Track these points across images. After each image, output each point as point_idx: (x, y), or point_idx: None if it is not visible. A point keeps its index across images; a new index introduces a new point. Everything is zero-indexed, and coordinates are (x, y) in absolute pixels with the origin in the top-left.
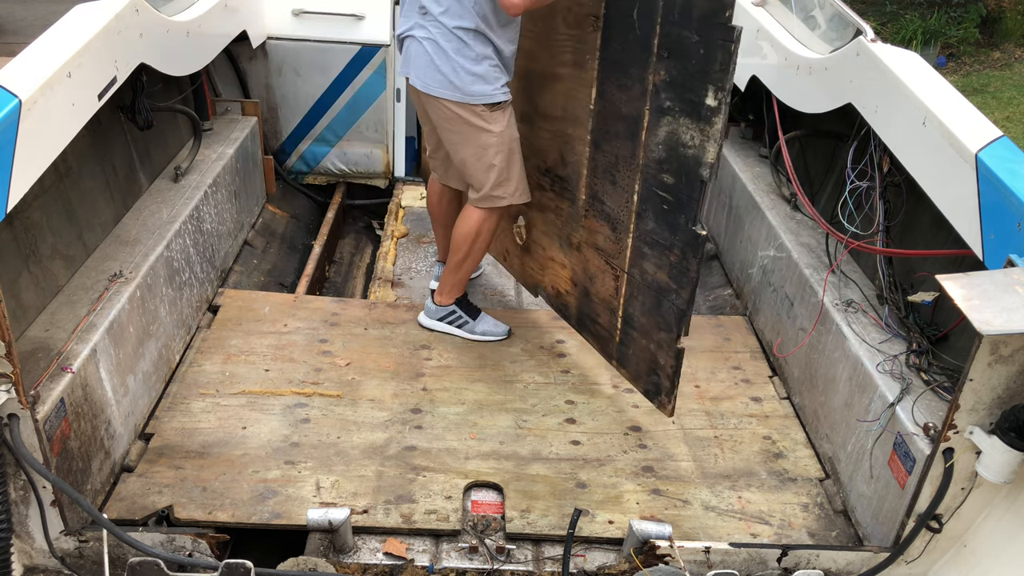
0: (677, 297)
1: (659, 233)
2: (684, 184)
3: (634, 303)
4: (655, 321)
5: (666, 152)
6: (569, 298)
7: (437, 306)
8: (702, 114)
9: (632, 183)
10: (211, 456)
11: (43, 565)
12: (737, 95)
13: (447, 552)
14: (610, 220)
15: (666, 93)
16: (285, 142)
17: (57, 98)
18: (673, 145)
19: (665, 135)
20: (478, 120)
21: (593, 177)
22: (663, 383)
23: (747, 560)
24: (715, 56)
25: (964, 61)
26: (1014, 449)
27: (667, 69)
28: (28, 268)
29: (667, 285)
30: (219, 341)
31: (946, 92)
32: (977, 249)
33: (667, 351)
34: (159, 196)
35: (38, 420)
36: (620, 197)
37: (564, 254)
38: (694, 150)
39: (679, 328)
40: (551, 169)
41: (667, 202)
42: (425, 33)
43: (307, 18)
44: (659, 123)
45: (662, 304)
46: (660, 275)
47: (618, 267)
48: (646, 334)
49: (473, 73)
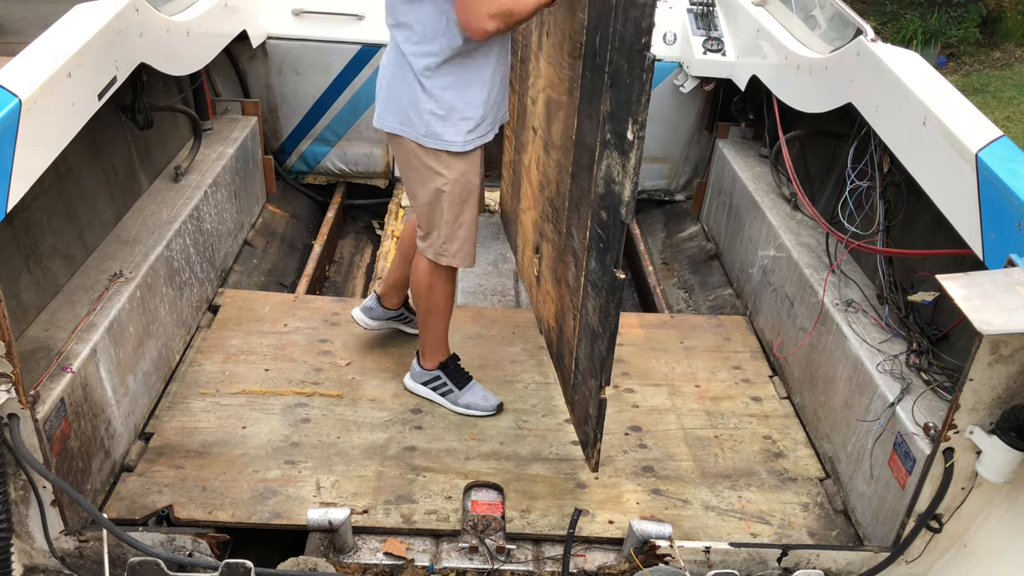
0: (601, 342)
1: (597, 273)
2: (611, 222)
3: (582, 345)
4: (590, 366)
5: (605, 188)
6: (552, 335)
7: (421, 369)
8: (624, 148)
9: (587, 217)
10: (211, 456)
11: (43, 565)
12: (737, 94)
13: (447, 552)
14: (575, 256)
15: (608, 124)
16: (285, 142)
17: (57, 98)
18: (608, 180)
19: (605, 169)
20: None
21: (572, 210)
22: (590, 434)
23: (747, 560)
24: (634, 86)
25: (964, 61)
26: (1014, 449)
27: (611, 98)
28: (28, 268)
29: (597, 329)
30: (219, 341)
31: (946, 92)
32: (977, 249)
33: (593, 400)
34: (159, 196)
35: (38, 420)
36: (581, 231)
37: (553, 288)
38: (618, 186)
39: (601, 375)
40: (552, 200)
41: (602, 240)
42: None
43: (307, 18)
44: (603, 156)
45: (594, 349)
46: (594, 317)
47: (576, 305)
48: (585, 380)
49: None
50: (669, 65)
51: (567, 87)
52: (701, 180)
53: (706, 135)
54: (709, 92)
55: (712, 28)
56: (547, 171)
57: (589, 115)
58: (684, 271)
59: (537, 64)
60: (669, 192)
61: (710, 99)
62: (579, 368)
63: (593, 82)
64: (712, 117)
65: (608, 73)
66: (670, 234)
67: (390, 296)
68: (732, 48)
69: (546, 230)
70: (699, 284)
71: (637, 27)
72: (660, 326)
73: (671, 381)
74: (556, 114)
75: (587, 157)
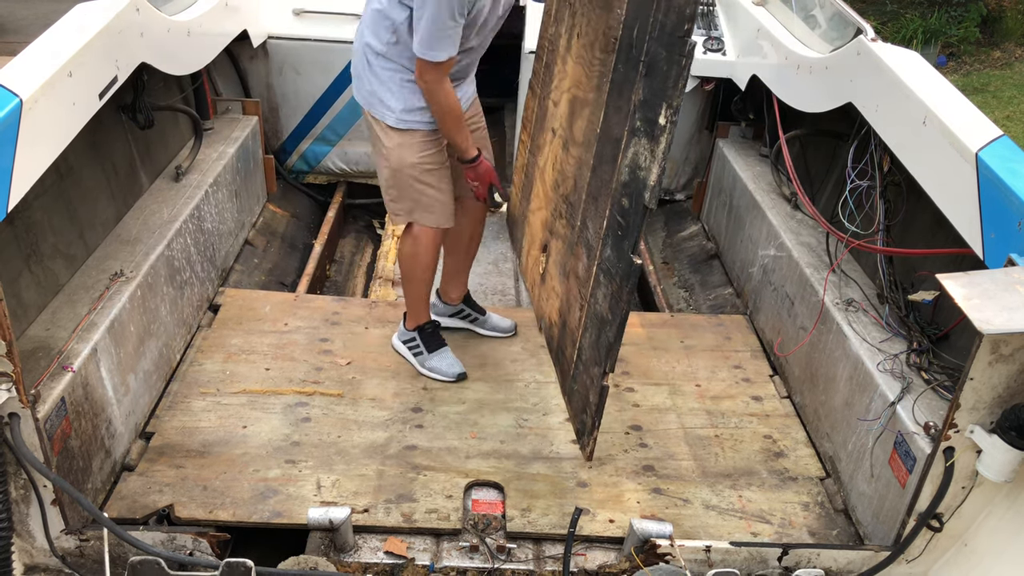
0: (610, 328)
1: (611, 260)
2: (633, 208)
3: (587, 335)
4: (594, 355)
5: (629, 175)
6: (554, 330)
7: (403, 329)
8: (654, 134)
9: (606, 207)
10: (212, 455)
11: (44, 564)
12: (737, 94)
13: (448, 551)
14: (588, 247)
15: (639, 113)
16: (286, 141)
17: (58, 97)
18: (634, 168)
19: (631, 156)
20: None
21: (588, 203)
22: (587, 421)
23: (748, 559)
24: (672, 72)
25: (964, 60)
26: (1015, 448)
27: (644, 87)
28: (29, 267)
29: (606, 316)
30: (220, 340)
31: (946, 91)
32: (977, 248)
33: (595, 387)
34: (160, 195)
35: (39, 419)
36: (598, 222)
37: (560, 283)
38: (644, 172)
39: (606, 362)
40: (567, 196)
41: (621, 227)
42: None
43: (308, 17)
44: (631, 144)
45: (601, 336)
46: (604, 305)
47: (584, 296)
48: (587, 369)
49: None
50: None
51: (595, 84)
52: (701, 180)
53: (706, 135)
54: (709, 92)
55: (712, 28)
56: (564, 168)
57: (618, 107)
58: (684, 270)
59: (564, 66)
60: (669, 191)
61: (710, 99)
62: (581, 359)
63: (626, 74)
64: (712, 117)
65: (644, 62)
66: (670, 233)
67: (447, 291)
68: (732, 48)
69: (557, 227)
70: (699, 283)
71: (680, 15)
72: (660, 325)
73: (671, 380)
74: (580, 112)
75: (612, 148)
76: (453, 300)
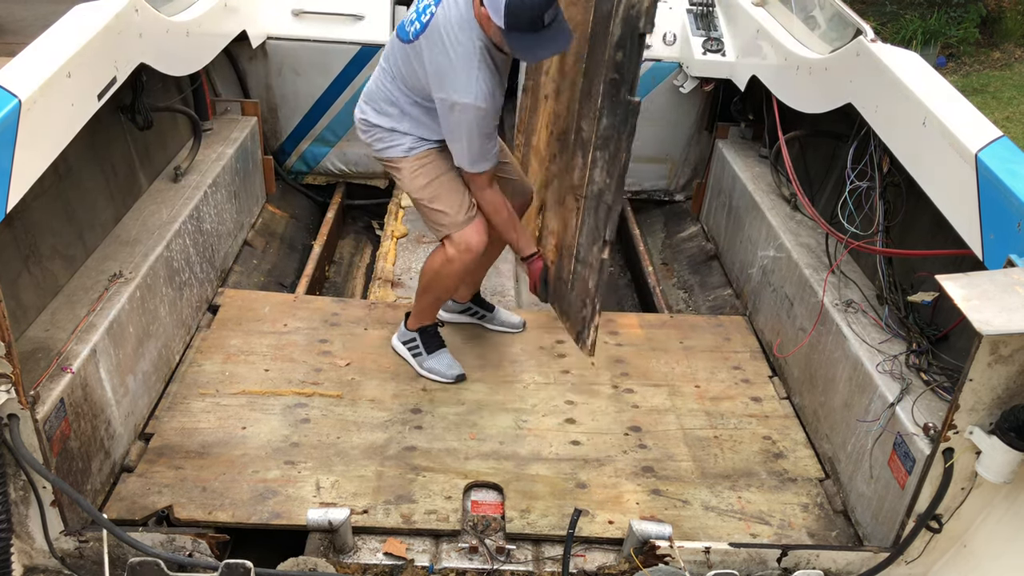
0: (608, 194)
1: (609, 123)
2: (627, 55)
3: (584, 230)
4: (592, 239)
5: (623, 27)
6: (551, 268)
7: (404, 329)
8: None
9: (599, 81)
10: (211, 456)
11: (43, 565)
12: (737, 95)
13: (447, 552)
14: (583, 146)
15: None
16: (285, 142)
17: (57, 98)
18: (627, 14)
19: (624, 9)
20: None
21: (581, 102)
22: (586, 312)
23: (747, 560)
24: None
25: (964, 61)
26: (1014, 449)
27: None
28: (28, 268)
29: (605, 185)
30: (219, 341)
31: (946, 92)
32: (977, 249)
33: (593, 270)
34: (159, 196)
35: (38, 420)
36: (590, 107)
37: (555, 219)
38: (635, 9)
39: (605, 230)
40: (563, 133)
41: (615, 82)
42: None
43: (307, 18)
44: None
45: (599, 212)
46: (602, 177)
47: (580, 196)
48: (586, 262)
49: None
50: (669, 65)
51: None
52: (701, 180)
53: (706, 135)
54: (709, 92)
55: (712, 28)
56: (556, 111)
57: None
58: (684, 271)
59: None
60: (669, 192)
61: (710, 99)
62: (580, 259)
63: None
64: (712, 117)
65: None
66: (670, 234)
67: (459, 290)
68: (732, 48)
69: (551, 171)
70: (699, 284)
71: None
72: (660, 326)
73: (671, 381)
74: (566, 59)
75: (601, 27)
76: (463, 298)
